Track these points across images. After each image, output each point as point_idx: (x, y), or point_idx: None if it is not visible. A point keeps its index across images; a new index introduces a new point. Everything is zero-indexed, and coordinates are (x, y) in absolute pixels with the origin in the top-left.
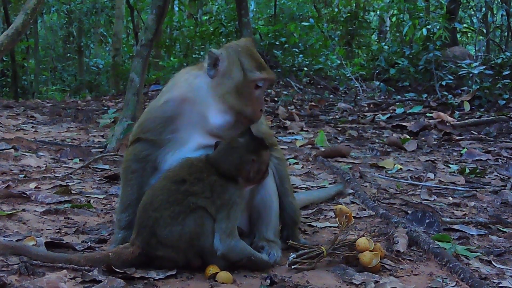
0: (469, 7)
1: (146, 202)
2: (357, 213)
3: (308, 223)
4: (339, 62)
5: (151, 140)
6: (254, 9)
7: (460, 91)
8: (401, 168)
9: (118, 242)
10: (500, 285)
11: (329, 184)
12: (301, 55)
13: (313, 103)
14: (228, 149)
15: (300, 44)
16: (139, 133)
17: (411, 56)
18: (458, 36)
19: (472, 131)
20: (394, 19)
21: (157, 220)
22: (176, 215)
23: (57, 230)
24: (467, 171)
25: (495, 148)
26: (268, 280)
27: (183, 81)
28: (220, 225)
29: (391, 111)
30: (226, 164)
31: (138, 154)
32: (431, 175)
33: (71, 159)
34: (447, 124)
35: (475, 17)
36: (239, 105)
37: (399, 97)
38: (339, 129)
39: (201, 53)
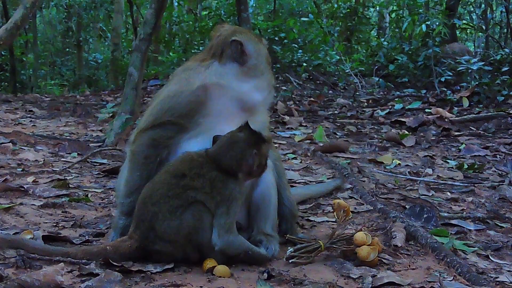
0: (469, 3)
1: (145, 196)
2: (355, 208)
3: (306, 218)
4: (338, 57)
5: (180, 124)
6: (254, 5)
7: (459, 87)
8: (399, 164)
9: (119, 229)
10: (498, 279)
11: (328, 179)
12: (300, 51)
13: (312, 99)
14: (228, 143)
15: (299, 39)
16: (169, 116)
17: (410, 52)
18: (458, 32)
19: (470, 127)
20: (393, 15)
21: (155, 214)
22: (175, 209)
23: (54, 224)
24: (465, 166)
25: (494, 144)
26: (265, 274)
27: (206, 70)
28: (219, 220)
29: (390, 106)
30: (227, 159)
31: (158, 139)
32: (429, 171)
33: (69, 153)
34: (446, 120)
35: (474, 13)
36: (272, 75)
37: (398, 93)
38: (338, 124)
39: (201, 48)
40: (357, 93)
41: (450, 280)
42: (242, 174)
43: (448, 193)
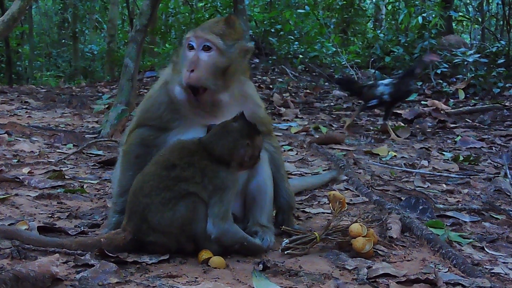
0: None
1: (136, 188)
2: (351, 199)
3: (302, 209)
4: (334, 49)
5: (157, 125)
6: None
7: (455, 79)
8: (395, 155)
9: (112, 226)
10: (493, 271)
11: (323, 170)
12: (296, 43)
13: (308, 91)
14: (221, 132)
15: (295, 31)
16: (147, 119)
17: (406, 44)
18: (454, 24)
19: (466, 119)
20: (389, 7)
21: (147, 206)
22: (167, 201)
23: (50, 215)
24: (461, 158)
25: (489, 136)
26: (261, 265)
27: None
28: (213, 209)
29: None
30: (219, 148)
31: (146, 138)
32: (425, 162)
33: (65, 145)
34: (442, 112)
35: (470, 5)
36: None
37: None
38: (334, 116)
39: None
40: None
41: (445, 272)
42: (234, 164)
43: (444, 185)
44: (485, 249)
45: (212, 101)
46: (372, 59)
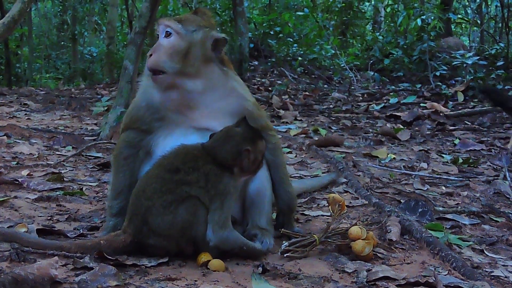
0: None
1: (139, 190)
2: (350, 202)
3: (301, 212)
4: (333, 52)
5: (142, 128)
6: None
7: (454, 82)
8: (394, 158)
9: (110, 229)
10: (492, 274)
11: (322, 173)
12: (295, 45)
13: (307, 93)
14: (224, 137)
15: (294, 33)
16: (131, 123)
17: (405, 46)
18: (453, 26)
19: (465, 121)
20: (388, 9)
21: (149, 208)
22: (168, 204)
23: (49, 217)
24: (460, 161)
25: (488, 138)
26: (260, 268)
27: None
28: (213, 216)
29: (385, 101)
30: (222, 153)
31: (131, 141)
32: (424, 165)
33: (64, 147)
34: (441, 114)
35: (469, 7)
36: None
37: (393, 87)
38: (333, 118)
39: None
40: (352, 87)
41: (445, 275)
42: (237, 169)
43: (443, 188)
44: (485, 252)
45: (179, 89)
46: (371, 61)
